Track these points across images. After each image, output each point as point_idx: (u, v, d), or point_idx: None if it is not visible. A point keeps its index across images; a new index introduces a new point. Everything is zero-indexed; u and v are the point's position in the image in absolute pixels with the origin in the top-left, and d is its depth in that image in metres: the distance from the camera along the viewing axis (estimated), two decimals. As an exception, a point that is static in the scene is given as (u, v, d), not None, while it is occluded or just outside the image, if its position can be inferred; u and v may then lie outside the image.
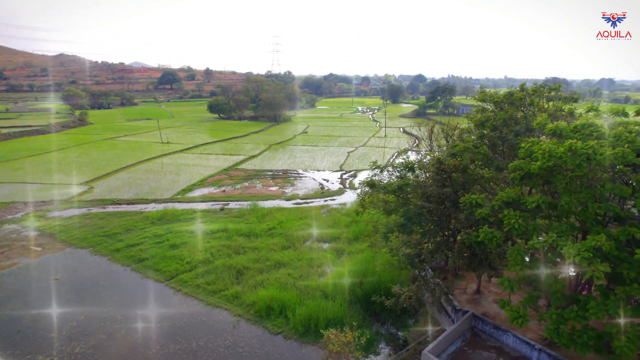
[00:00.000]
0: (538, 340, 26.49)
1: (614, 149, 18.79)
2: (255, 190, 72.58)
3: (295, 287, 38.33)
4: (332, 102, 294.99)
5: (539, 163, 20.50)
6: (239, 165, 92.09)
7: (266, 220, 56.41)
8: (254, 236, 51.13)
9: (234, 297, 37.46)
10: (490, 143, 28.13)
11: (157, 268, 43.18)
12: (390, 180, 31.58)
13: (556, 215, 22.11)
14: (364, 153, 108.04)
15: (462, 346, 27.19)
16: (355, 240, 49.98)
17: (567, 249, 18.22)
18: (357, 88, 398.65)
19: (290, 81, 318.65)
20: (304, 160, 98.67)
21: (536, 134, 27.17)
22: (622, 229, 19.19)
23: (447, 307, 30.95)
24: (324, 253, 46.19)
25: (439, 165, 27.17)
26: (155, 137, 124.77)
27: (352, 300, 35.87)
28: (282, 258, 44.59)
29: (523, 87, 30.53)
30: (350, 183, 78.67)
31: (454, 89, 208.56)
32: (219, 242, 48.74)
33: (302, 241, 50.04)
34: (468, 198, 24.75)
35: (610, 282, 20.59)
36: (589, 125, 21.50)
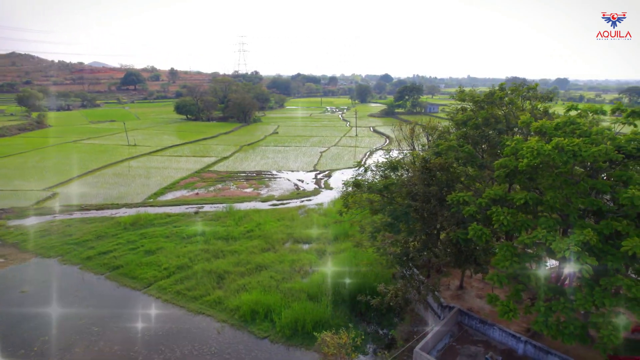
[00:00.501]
0: (522, 333, 27.30)
1: (597, 146, 19.58)
2: (229, 192, 71.33)
3: (279, 289, 37.89)
4: (300, 102, 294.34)
5: (526, 160, 21.07)
6: (211, 167, 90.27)
7: (244, 222, 55.51)
8: (233, 239, 50.19)
9: (216, 302, 36.58)
10: (472, 142, 28.74)
11: (134, 275, 41.62)
12: (375, 180, 31.66)
13: (540, 211, 22.80)
14: (336, 153, 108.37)
15: (450, 342, 27.62)
16: (335, 240, 49.93)
17: (557, 244, 18.81)
18: (325, 88, 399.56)
19: (258, 81, 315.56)
20: (277, 161, 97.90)
21: (518, 132, 27.99)
22: (605, 222, 20.01)
23: (433, 304, 31.38)
24: (305, 254, 45.88)
25: (425, 164, 27.48)
26: (122, 139, 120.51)
27: (337, 300, 35.78)
28: (263, 261, 43.98)
29: (502, 87, 31.41)
30: (325, 183, 78.67)
31: (421, 89, 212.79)
32: (197, 247, 47.53)
33: (282, 243, 49.54)
34: (455, 196, 25.14)
35: (594, 274, 21.42)
36: (571, 123, 22.33)
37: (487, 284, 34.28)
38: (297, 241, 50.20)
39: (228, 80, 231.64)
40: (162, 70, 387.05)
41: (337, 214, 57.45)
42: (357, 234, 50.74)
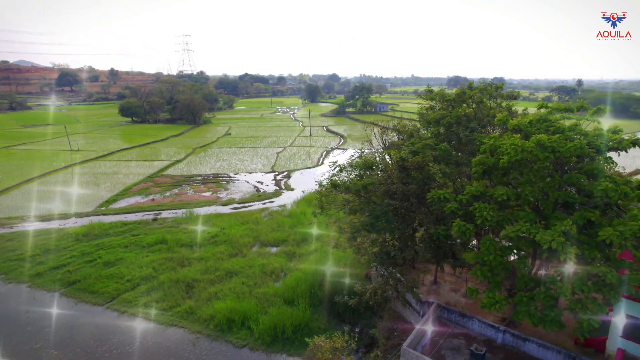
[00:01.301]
0: (499, 323, 28.41)
1: (572, 141, 20.76)
2: (187, 197, 68.70)
3: (253, 295, 36.93)
4: (250, 103, 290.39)
5: (507, 157, 21.93)
6: (164, 171, 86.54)
7: (206, 227, 53.62)
8: (197, 245, 48.33)
9: (188, 312, 34.99)
10: (446, 140, 29.50)
11: (93, 290, 38.85)
12: (350, 180, 31.61)
13: (517, 205, 23.84)
14: (292, 153, 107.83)
15: (432, 336, 28.19)
16: (303, 242, 49.55)
17: (541, 236, 19.70)
18: (274, 88, 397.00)
19: (205, 82, 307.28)
20: (233, 163, 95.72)
21: (491, 130, 29.13)
22: (579, 213, 21.28)
23: (412, 301, 31.89)
24: (274, 257, 45.10)
25: (402, 163, 27.85)
26: (62, 144, 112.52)
27: (315, 303, 35.45)
28: (232, 266, 42.69)
29: (471, 86, 32.56)
30: (285, 184, 77.96)
31: (371, 89, 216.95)
32: (160, 255, 45.27)
33: (249, 247, 48.43)
34: (435, 193, 25.68)
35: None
36: (544, 120, 23.55)
37: (459, 278, 35.44)
38: (265, 244, 49.30)
39: (174, 81, 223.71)
40: (100, 71, 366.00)
41: (301, 215, 57.63)
42: (325, 235, 50.81)
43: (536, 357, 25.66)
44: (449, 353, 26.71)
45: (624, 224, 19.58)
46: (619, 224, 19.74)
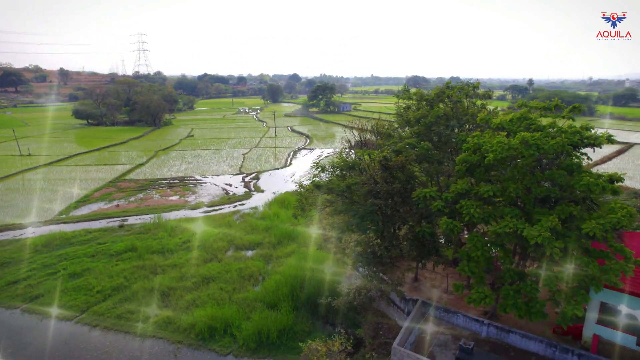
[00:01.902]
0: (480, 316, 29.18)
1: (553, 138, 21.61)
2: (153, 201, 66.19)
3: (233, 301, 36.08)
4: (210, 104, 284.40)
5: (492, 155, 22.49)
6: (127, 175, 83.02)
7: (177, 233, 51.90)
8: (169, 252, 46.66)
9: (166, 322, 33.63)
10: (426, 139, 29.93)
11: (60, 304, 36.58)
12: (332, 180, 31.40)
13: (499, 202, 24.53)
14: (259, 154, 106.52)
15: (420, 333, 28.54)
16: (279, 244, 48.97)
17: (529, 231, 20.34)
18: (234, 88, 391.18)
19: (163, 82, 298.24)
20: (199, 165, 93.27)
21: (472, 128, 29.81)
22: (561, 208, 22.17)
23: (395, 299, 32.15)
24: (251, 261, 44.26)
25: (386, 163, 28.00)
26: (10, 149, 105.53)
27: (297, 306, 35.04)
28: (209, 272, 41.49)
29: (450, 86, 33.25)
30: (255, 186, 76.82)
31: (334, 88, 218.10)
32: (130, 264, 43.30)
33: (224, 251, 47.27)
34: (421, 192, 26.01)
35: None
36: (525, 118, 24.39)
37: (438, 274, 36.15)
38: (240, 248, 48.31)
39: (130, 82, 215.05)
40: (49, 71, 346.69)
41: (275, 217, 56.96)
42: (301, 237, 50.43)
43: (519, 347, 26.54)
44: (437, 349, 27.13)
45: (603, 217, 20.58)
46: (599, 217, 20.74)
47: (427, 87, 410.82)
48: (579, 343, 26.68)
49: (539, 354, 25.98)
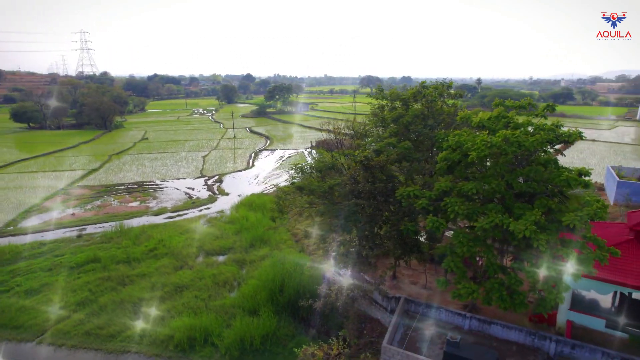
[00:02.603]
0: (461, 310, 29.98)
1: (533, 136, 22.57)
2: (112, 208, 62.86)
3: (210, 309, 34.91)
4: (163, 105, 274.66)
5: (475, 153, 23.14)
6: (80, 181, 78.37)
7: (142, 241, 49.56)
8: (136, 261, 44.44)
9: (141, 335, 31.97)
10: (405, 138, 30.33)
11: (17, 324, 33.82)
12: (312, 181, 31.12)
13: (481, 198, 25.29)
14: (219, 156, 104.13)
15: (405, 330, 28.89)
16: (251, 247, 48.00)
17: (515, 225, 21.10)
18: (187, 89, 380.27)
19: (110, 83, 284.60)
20: (157, 169, 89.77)
21: (452, 127, 30.52)
22: (540, 202, 23.19)
23: (377, 297, 32.35)
24: (224, 267, 43.05)
25: (367, 162, 28.10)
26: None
27: (278, 310, 34.42)
28: (181, 280, 39.93)
29: (425, 85, 33.90)
30: (219, 189, 74.96)
31: (291, 88, 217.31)
32: (95, 276, 40.81)
33: (194, 258, 45.71)
34: (404, 191, 26.32)
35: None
36: (503, 117, 25.30)
37: (415, 271, 36.74)
38: (210, 254, 46.88)
39: (75, 83, 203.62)
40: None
41: (243, 220, 55.76)
42: (273, 239, 49.73)
43: (501, 337, 27.50)
44: (423, 344, 27.56)
45: (580, 209, 21.75)
46: (576, 209, 21.90)
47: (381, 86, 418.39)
48: (553, 329, 28.08)
49: (519, 342, 27.06)
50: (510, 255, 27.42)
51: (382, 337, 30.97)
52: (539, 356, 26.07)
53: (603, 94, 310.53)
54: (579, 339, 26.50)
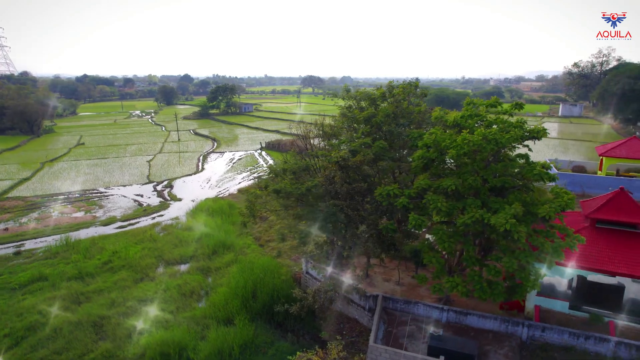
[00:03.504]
0: (436, 303, 30.87)
1: (507, 132, 23.70)
2: (54, 220, 57.83)
3: (180, 322, 33.14)
4: (96, 108, 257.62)
5: (454, 151, 23.86)
6: (9, 192, 71.33)
7: (94, 253, 46.08)
8: (89, 276, 41.20)
9: (106, 357, 29.59)
10: (378, 137, 30.57)
11: (-43, 356, 30.03)
12: (286, 183, 30.45)
13: (457, 193, 26.10)
14: (166, 160, 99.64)
15: (386, 328, 29.22)
16: (214, 254, 46.28)
17: (496, 219, 22.01)
18: (121, 91, 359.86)
19: (33, 84, 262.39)
20: (99, 176, 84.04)
21: (424, 126, 31.20)
22: (514, 196, 24.43)
23: (354, 297, 32.41)
24: (188, 276, 41.13)
25: (344, 163, 28.04)
26: None
27: (252, 317, 33.40)
28: (144, 293, 37.60)
29: (393, 85, 34.40)
30: (170, 194, 71.64)
31: (234, 89, 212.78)
32: (43, 296, 37.27)
33: (154, 268, 43.26)
34: (383, 190, 26.56)
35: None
36: (475, 115, 26.30)
37: (385, 268, 37.33)
38: (171, 263, 44.63)
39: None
40: None
41: (202, 226, 53.71)
42: (236, 244, 48.32)
43: (477, 327, 28.63)
44: (406, 340, 28.05)
45: (552, 201, 23.20)
46: (548, 201, 23.32)
47: (322, 86, 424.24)
48: (522, 315, 29.77)
49: (494, 330, 28.36)
50: (485, 248, 28.49)
51: (362, 336, 31.29)
52: (512, 341, 27.49)
53: (527, 92, 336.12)
54: (547, 321, 28.33)
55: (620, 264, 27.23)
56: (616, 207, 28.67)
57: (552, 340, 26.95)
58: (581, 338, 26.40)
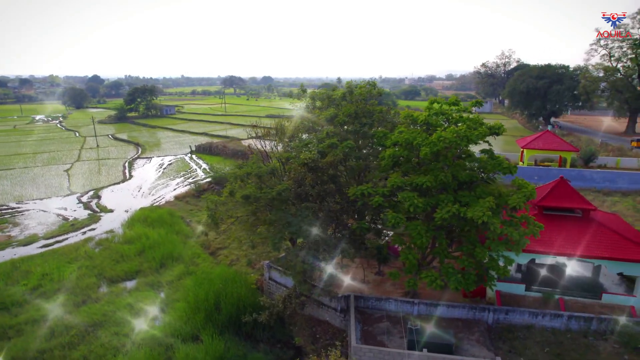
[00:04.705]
0: (403, 297, 31.65)
1: (476, 129, 24.87)
2: (-41, 244, 50.03)
3: (139, 344, 30.38)
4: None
5: (428, 148, 24.52)
6: None
7: (18, 279, 40.63)
8: (17, 306, 36.23)
9: (58, 395, 26.20)
10: (343, 137, 30.40)
11: None
12: (252, 188, 29.13)
13: (429, 189, 26.86)
14: (87, 169, 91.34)
15: (362, 327, 29.28)
16: (162, 267, 43.24)
17: (473, 212, 23.02)
18: (18, 93, 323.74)
19: None
20: (7, 189, 74.45)
21: (389, 124, 31.51)
22: (481, 189, 25.76)
23: (324, 299, 32.06)
24: (138, 293, 37.97)
25: (314, 164, 27.52)
26: None
27: (220, 330, 31.60)
28: (89, 318, 33.91)
29: (351, 85, 34.41)
30: (99, 206, 65.62)
31: (154, 90, 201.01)
32: (-36, 333, 32.01)
33: (96, 289, 39.29)
34: (357, 189, 26.54)
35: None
36: (441, 113, 27.25)
37: (348, 267, 37.49)
38: (115, 281, 40.84)
39: None
40: None
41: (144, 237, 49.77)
42: (185, 255, 45.58)
43: (447, 317, 29.80)
44: (384, 337, 28.33)
45: (518, 192, 24.88)
46: (515, 192, 24.98)
47: (244, 86, 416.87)
48: (484, 301, 31.59)
49: (463, 318, 29.75)
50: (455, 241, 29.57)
51: (336, 338, 31.10)
52: (481, 326, 29.06)
53: (440, 90, 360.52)
54: (508, 304, 30.39)
55: (563, 245, 29.97)
56: (559, 195, 31.57)
57: (515, 321, 28.96)
58: (539, 316, 28.70)
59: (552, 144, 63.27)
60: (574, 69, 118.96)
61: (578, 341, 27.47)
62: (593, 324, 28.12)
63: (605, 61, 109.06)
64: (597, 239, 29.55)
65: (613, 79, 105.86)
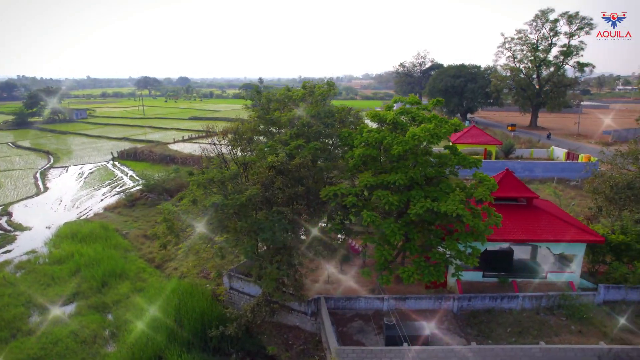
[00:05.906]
0: (369, 294, 32.12)
1: (442, 127, 25.83)
2: None
3: (93, 375, 27.34)
4: None
5: (400, 147, 24.97)
6: None
7: None
8: None
9: None
10: (306, 139, 29.78)
11: None
12: (219, 196, 27.50)
13: (400, 187, 27.39)
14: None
15: (337, 329, 29.10)
16: (105, 286, 39.34)
17: (446, 207, 23.94)
18: None
19: None
20: None
21: (350, 125, 31.34)
22: (446, 183, 26.91)
23: (293, 304, 31.38)
24: (82, 318, 34.08)
25: (284, 167, 26.71)
26: None
27: (186, 349, 29.50)
28: (24, 355, 29.69)
29: (306, 86, 33.80)
30: (11, 223, 58.06)
31: (59, 92, 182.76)
32: None
33: (27, 319, 34.65)
34: (330, 190, 26.27)
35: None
36: (407, 112, 27.86)
37: (308, 269, 37.13)
38: (49, 308, 36.30)
39: None
40: None
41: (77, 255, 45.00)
42: (129, 271, 41.93)
43: (416, 309, 30.73)
44: (359, 336, 28.45)
45: (482, 185, 26.38)
46: (478, 185, 26.46)
47: (159, 88, 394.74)
48: (446, 290, 33.14)
49: (430, 308, 30.92)
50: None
51: (309, 342, 30.63)
52: (448, 315, 30.47)
53: (359, 89, 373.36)
54: (468, 292, 32.19)
55: (514, 232, 32.46)
56: (506, 186, 34.06)
57: (477, 306, 30.75)
58: (497, 300, 30.78)
59: (479, 138, 68.47)
60: (485, 69, 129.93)
61: (533, 318, 29.91)
62: (543, 301, 30.81)
63: (510, 62, 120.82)
64: (542, 224, 32.39)
65: (518, 78, 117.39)
